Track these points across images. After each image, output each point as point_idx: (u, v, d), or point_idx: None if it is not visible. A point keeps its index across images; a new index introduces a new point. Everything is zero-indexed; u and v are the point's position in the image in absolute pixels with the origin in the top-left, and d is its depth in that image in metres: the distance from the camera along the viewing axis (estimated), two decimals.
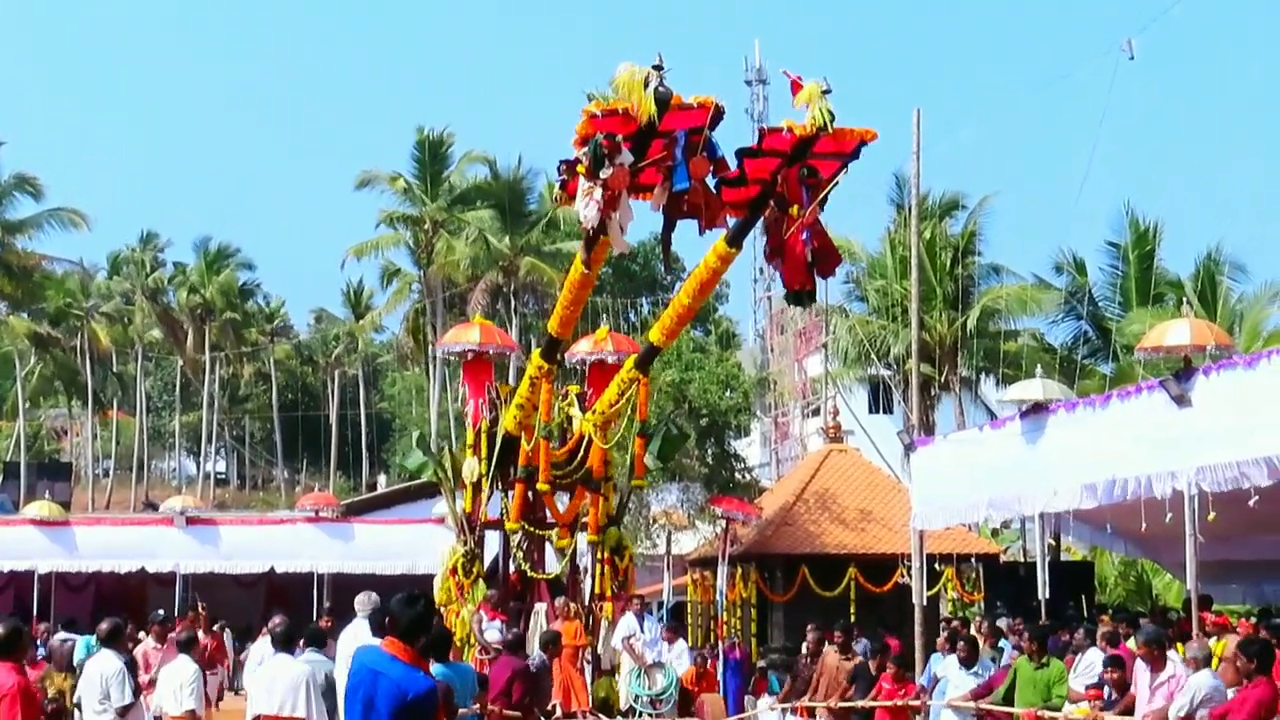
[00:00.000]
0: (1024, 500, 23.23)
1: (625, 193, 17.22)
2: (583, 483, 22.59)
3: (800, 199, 17.66)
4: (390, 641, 8.77)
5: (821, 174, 17.78)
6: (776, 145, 17.67)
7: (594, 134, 16.80)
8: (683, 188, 17.00)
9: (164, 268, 79.02)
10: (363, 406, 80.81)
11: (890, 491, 33.70)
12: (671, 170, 17.00)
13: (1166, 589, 34.91)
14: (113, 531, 33.90)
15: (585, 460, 22.20)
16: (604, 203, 16.92)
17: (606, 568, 22.64)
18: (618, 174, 16.68)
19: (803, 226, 17.67)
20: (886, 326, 46.51)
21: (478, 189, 62.15)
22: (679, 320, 20.40)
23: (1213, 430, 18.25)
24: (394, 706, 8.47)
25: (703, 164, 17.09)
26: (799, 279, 18.24)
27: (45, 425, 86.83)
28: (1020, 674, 14.64)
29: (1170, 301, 41.30)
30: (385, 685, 8.56)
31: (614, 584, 22.52)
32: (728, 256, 18.76)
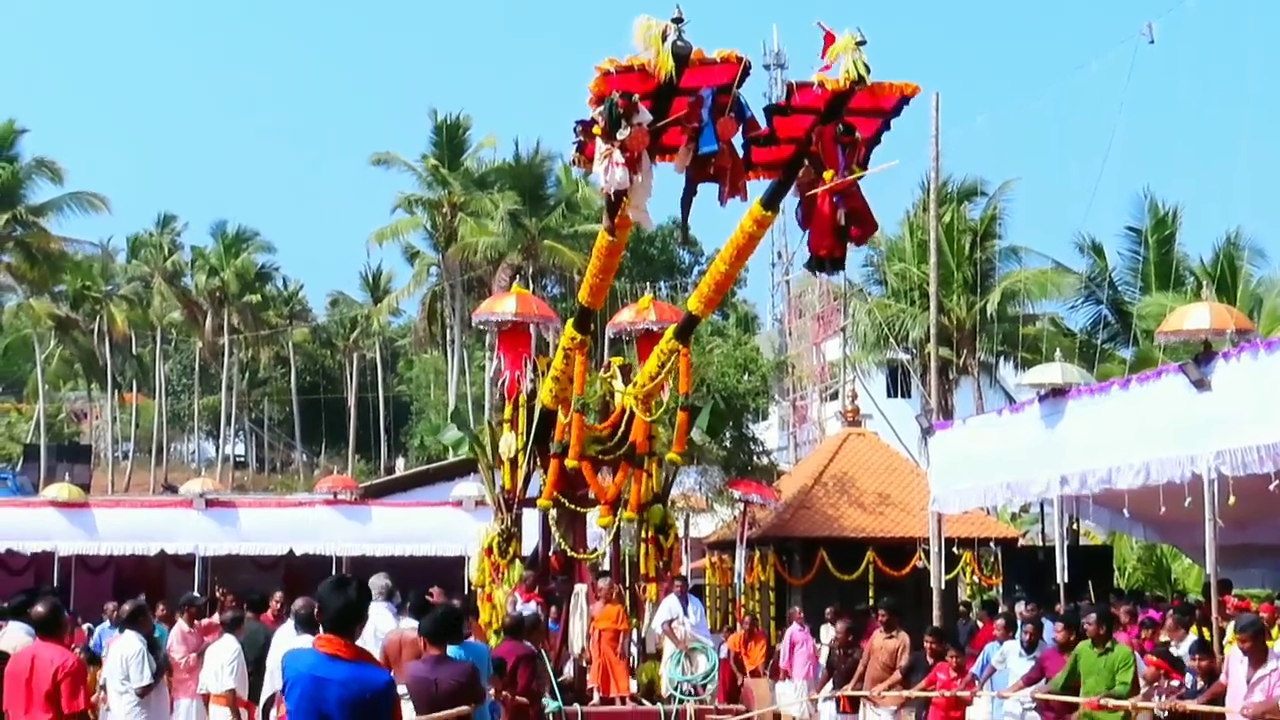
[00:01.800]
0: (1042, 484, 23.24)
1: (646, 155, 16.38)
2: (626, 458, 21.34)
3: (835, 160, 16.67)
4: (325, 639, 8.00)
5: (860, 133, 16.89)
6: (808, 102, 16.70)
7: (609, 93, 15.92)
8: (710, 150, 16.17)
9: (182, 251, 79.16)
10: (381, 390, 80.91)
11: (908, 475, 33.71)
12: (698, 131, 16.20)
13: (1186, 573, 34.88)
14: (132, 514, 33.96)
15: (628, 435, 21.20)
16: (625, 165, 16.03)
17: (650, 547, 21.68)
18: (636, 134, 15.87)
19: (835, 189, 16.65)
20: (905, 310, 46.45)
21: (496, 172, 62.11)
22: (717, 289, 19.51)
23: (1232, 414, 18.24)
24: (349, 711, 7.81)
25: (730, 124, 16.20)
26: (825, 244, 17.19)
27: (65, 408, 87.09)
28: (1083, 660, 13.78)
29: (1190, 285, 41.21)
30: (334, 691, 7.85)
31: (658, 564, 21.53)
32: (764, 220, 17.80)
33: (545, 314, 24.07)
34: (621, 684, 19.95)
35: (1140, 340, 41.31)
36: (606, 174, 16.09)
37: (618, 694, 19.81)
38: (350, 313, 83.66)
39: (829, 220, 16.85)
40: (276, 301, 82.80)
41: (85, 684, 11.08)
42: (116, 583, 31.53)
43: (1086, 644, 13.75)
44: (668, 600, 20.47)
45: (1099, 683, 13.30)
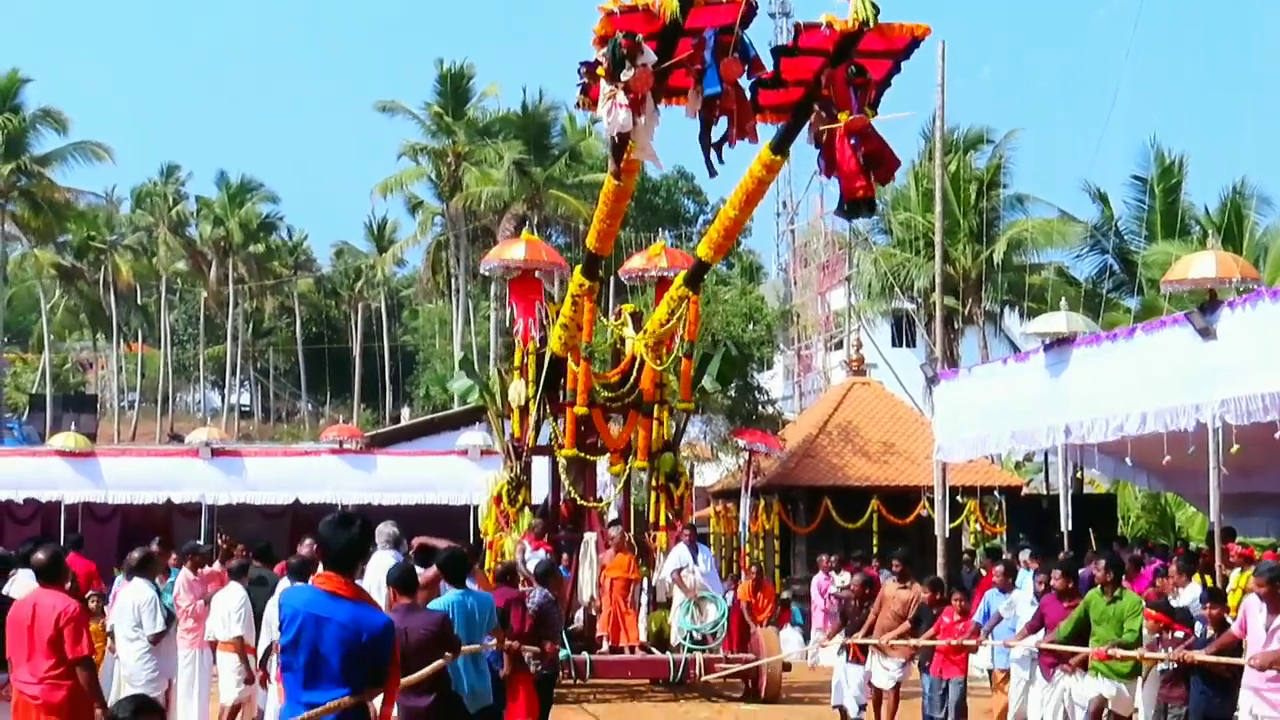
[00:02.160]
0: (1047, 433, 23.24)
1: (650, 96, 16.15)
2: (634, 406, 21.38)
3: (848, 102, 16.49)
4: (326, 576, 7.76)
5: (871, 74, 16.74)
6: (816, 43, 16.51)
7: (613, 33, 15.71)
8: (714, 92, 16.00)
9: (186, 201, 79.18)
10: (386, 339, 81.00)
11: (913, 424, 33.74)
12: (701, 74, 16.02)
13: (1189, 522, 34.94)
14: (138, 463, 34.02)
15: (638, 382, 21.19)
16: (629, 106, 15.82)
17: (660, 496, 21.69)
18: (640, 76, 15.67)
19: (847, 132, 16.51)
20: (910, 259, 46.43)
21: (500, 121, 61.97)
22: (727, 234, 19.36)
23: (1237, 363, 18.23)
24: (346, 652, 7.56)
25: (735, 66, 15.99)
26: (859, 185, 16.88)
27: (71, 358, 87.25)
28: (1093, 608, 13.53)
29: (1195, 234, 41.16)
30: (331, 630, 7.59)
31: (669, 513, 21.51)
32: (774, 165, 17.73)
33: (554, 260, 23.84)
34: (631, 633, 20.05)
35: (1145, 289, 41.25)
36: (609, 115, 15.88)
37: (627, 643, 19.93)
38: (355, 263, 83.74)
39: (853, 162, 16.66)
40: (281, 251, 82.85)
41: (88, 629, 11.13)
42: (123, 532, 31.65)
43: (1096, 592, 13.62)
44: (677, 549, 20.48)
45: (1108, 631, 13.18)
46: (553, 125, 61.77)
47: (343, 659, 7.54)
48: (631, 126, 16.01)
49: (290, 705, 7.82)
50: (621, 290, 26.77)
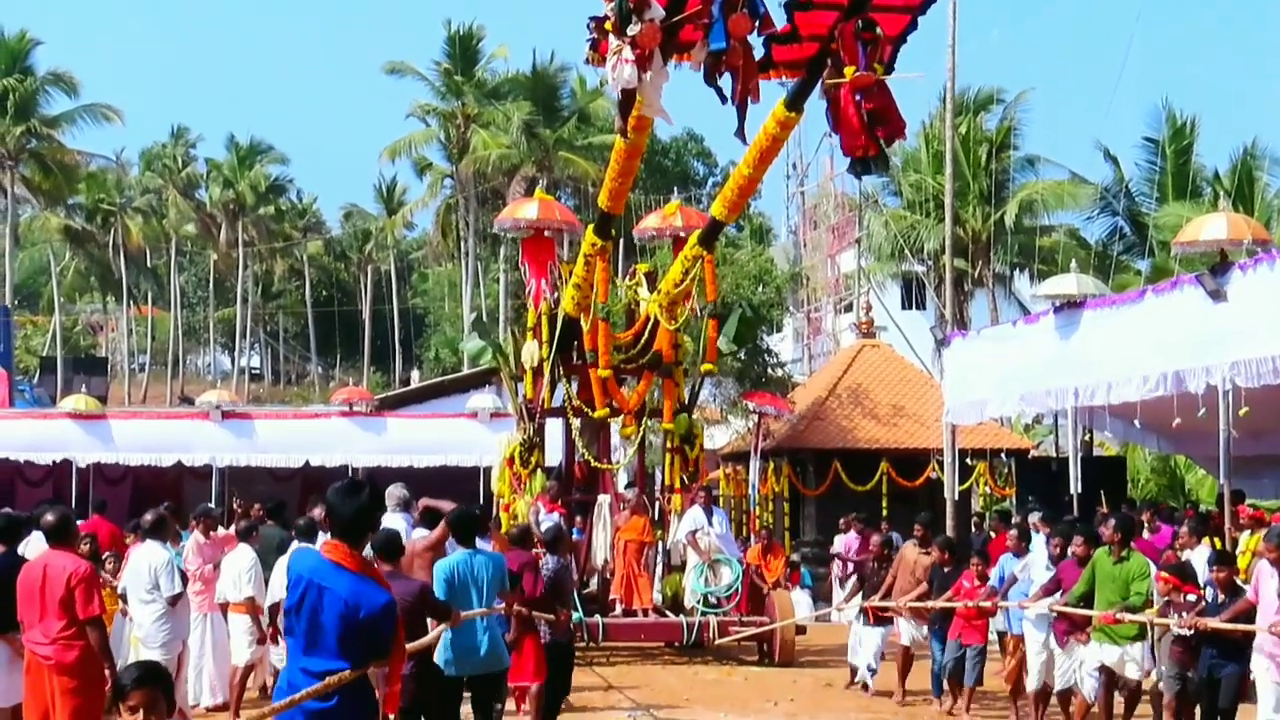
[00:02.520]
0: (1057, 395, 23.24)
1: (658, 52, 15.65)
2: (651, 367, 21.19)
3: (855, 57, 16.01)
4: (332, 545, 7.52)
5: (884, 30, 16.30)
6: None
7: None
8: (719, 48, 15.50)
9: (196, 163, 79.17)
10: (395, 302, 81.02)
11: (922, 387, 33.73)
12: (709, 28, 15.53)
13: (1199, 484, 34.98)
14: (149, 425, 34.08)
15: (652, 344, 20.98)
16: (634, 62, 15.35)
17: (676, 458, 21.44)
18: (647, 30, 15.21)
19: (855, 87, 16.05)
20: (920, 222, 46.39)
21: (510, 83, 61.82)
22: (741, 193, 19.07)
23: (1248, 325, 18.20)
24: (343, 627, 7.31)
25: (744, 21, 15.51)
26: (857, 145, 16.49)
27: (81, 321, 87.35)
28: (1099, 569, 13.25)
29: (1207, 196, 41.08)
30: (331, 601, 7.35)
31: (683, 475, 21.26)
32: (788, 122, 17.33)
33: (567, 219, 23.58)
34: (644, 596, 19.93)
35: (1156, 251, 41.23)
36: (615, 71, 15.66)
37: (640, 606, 19.79)
38: (364, 225, 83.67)
39: (856, 120, 16.48)
40: (290, 214, 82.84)
41: (99, 590, 11.17)
42: (134, 493, 31.71)
43: (1104, 552, 13.39)
44: (692, 511, 20.29)
45: (1114, 593, 12.95)
46: (562, 87, 61.62)
47: (340, 633, 7.32)
48: (637, 82, 15.81)
49: (291, 669, 7.71)
50: (634, 253, 26.54)
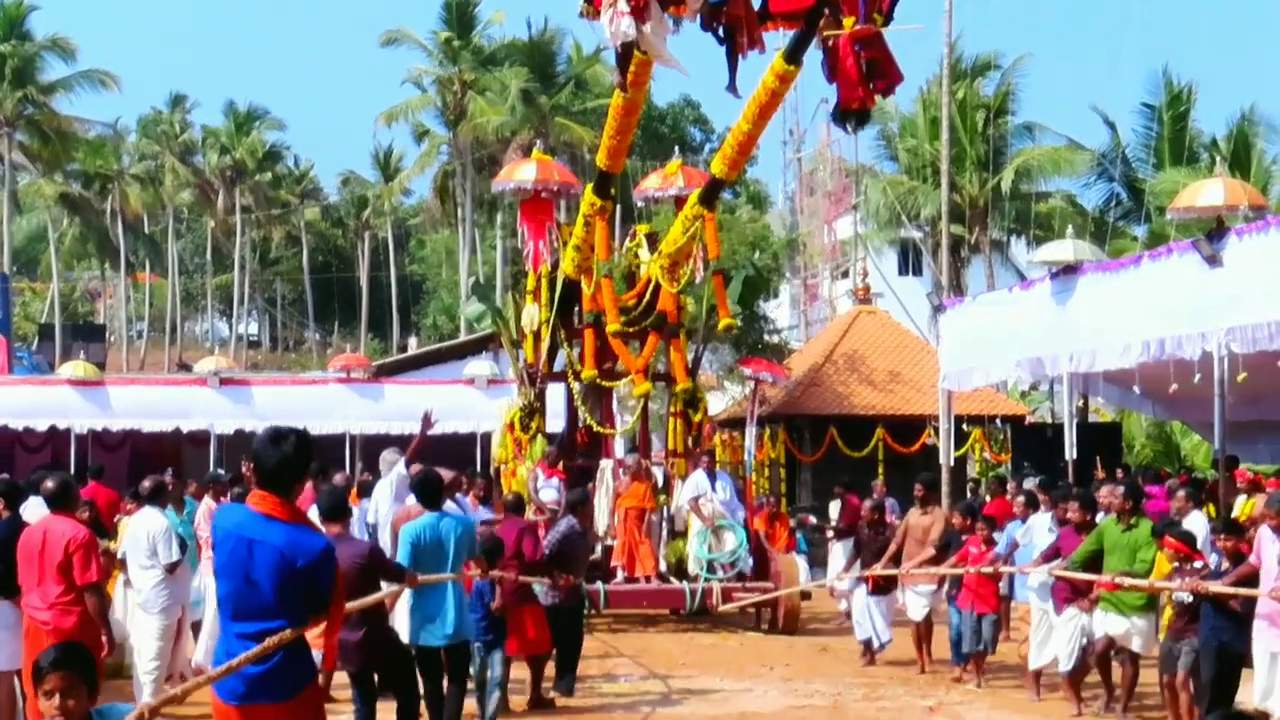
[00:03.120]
0: (1053, 361, 23.25)
1: (654, 2, 15.35)
2: (655, 328, 20.85)
3: (855, 8, 15.84)
4: (260, 497, 7.13)
5: None
6: None
7: None
8: None
9: (192, 130, 78.97)
10: (393, 269, 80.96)
11: (919, 353, 33.75)
12: None
13: (1195, 450, 35.05)
14: (147, 391, 34.10)
15: (654, 306, 20.68)
16: (631, 14, 15.01)
17: (679, 422, 21.30)
18: None
19: (854, 38, 15.83)
20: (917, 188, 46.35)
21: (506, 49, 61.73)
22: (741, 150, 18.80)
23: (1244, 291, 18.20)
24: (280, 580, 6.94)
25: None
26: (854, 96, 16.29)
27: (79, 287, 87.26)
28: (1107, 536, 13.03)
29: (1204, 162, 41.02)
30: (264, 554, 6.99)
31: (687, 440, 21.14)
32: (787, 75, 17.07)
33: (566, 179, 23.32)
34: (646, 563, 19.79)
35: (1153, 217, 41.21)
36: (611, 25, 15.52)
37: (642, 573, 19.66)
38: (361, 192, 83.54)
39: (854, 70, 16.34)
40: (288, 180, 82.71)
41: (97, 556, 11.19)
42: (133, 460, 31.73)
43: (1111, 519, 13.24)
44: (695, 475, 20.14)
45: (1121, 560, 12.81)
46: (558, 53, 61.52)
47: (276, 586, 6.96)
48: (635, 35, 15.61)
49: (226, 637, 7.32)
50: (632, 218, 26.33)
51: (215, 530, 7.44)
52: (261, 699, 7.07)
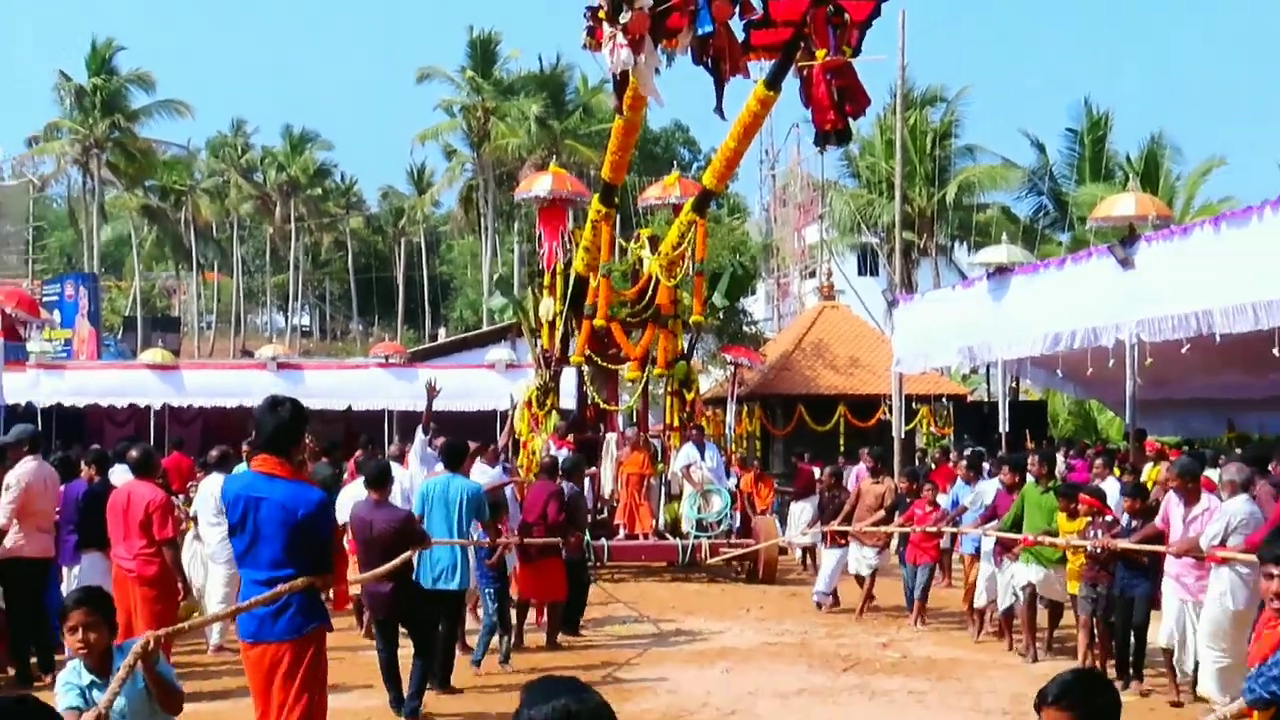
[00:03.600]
0: (989, 349, 23.28)
1: (648, 37, 15.52)
2: (652, 320, 20.74)
3: (826, 40, 16.01)
4: (261, 459, 7.18)
5: (852, 16, 16.23)
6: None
7: None
8: (706, 31, 15.49)
9: (254, 150, 78.77)
10: (425, 269, 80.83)
11: (875, 342, 33.75)
12: (695, 14, 15.47)
13: (1110, 424, 35.11)
14: (216, 374, 34.10)
15: (654, 299, 20.57)
16: (628, 46, 15.29)
17: (675, 400, 21.25)
18: (637, 18, 15.17)
19: (826, 68, 16.01)
20: (875, 200, 46.32)
21: (523, 81, 61.68)
22: (728, 164, 19.05)
23: (1152, 289, 18.22)
24: (285, 532, 6.93)
25: (725, 7, 15.56)
26: (826, 119, 16.46)
27: (157, 285, 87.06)
28: (1028, 498, 13.02)
29: (1119, 178, 41.05)
30: (269, 509, 6.98)
31: (681, 415, 20.99)
32: (767, 100, 17.36)
33: (577, 189, 23.39)
34: (644, 522, 19.74)
35: (1075, 226, 41.26)
36: (611, 55, 15.51)
37: (641, 531, 19.63)
38: (398, 203, 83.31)
39: (826, 96, 16.36)
40: (335, 194, 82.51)
41: (173, 515, 11.25)
42: (204, 432, 31.75)
43: (1031, 483, 13.28)
44: (686, 447, 20.13)
45: (1039, 517, 12.83)
46: (568, 84, 61.56)
47: (284, 539, 6.97)
48: (632, 64, 15.65)
49: (246, 587, 7.34)
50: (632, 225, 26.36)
51: (225, 494, 7.41)
52: (268, 638, 7.12)
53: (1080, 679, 4.28)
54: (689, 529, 19.67)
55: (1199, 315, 17.21)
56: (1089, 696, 4.22)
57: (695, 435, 20.47)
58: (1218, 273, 16.82)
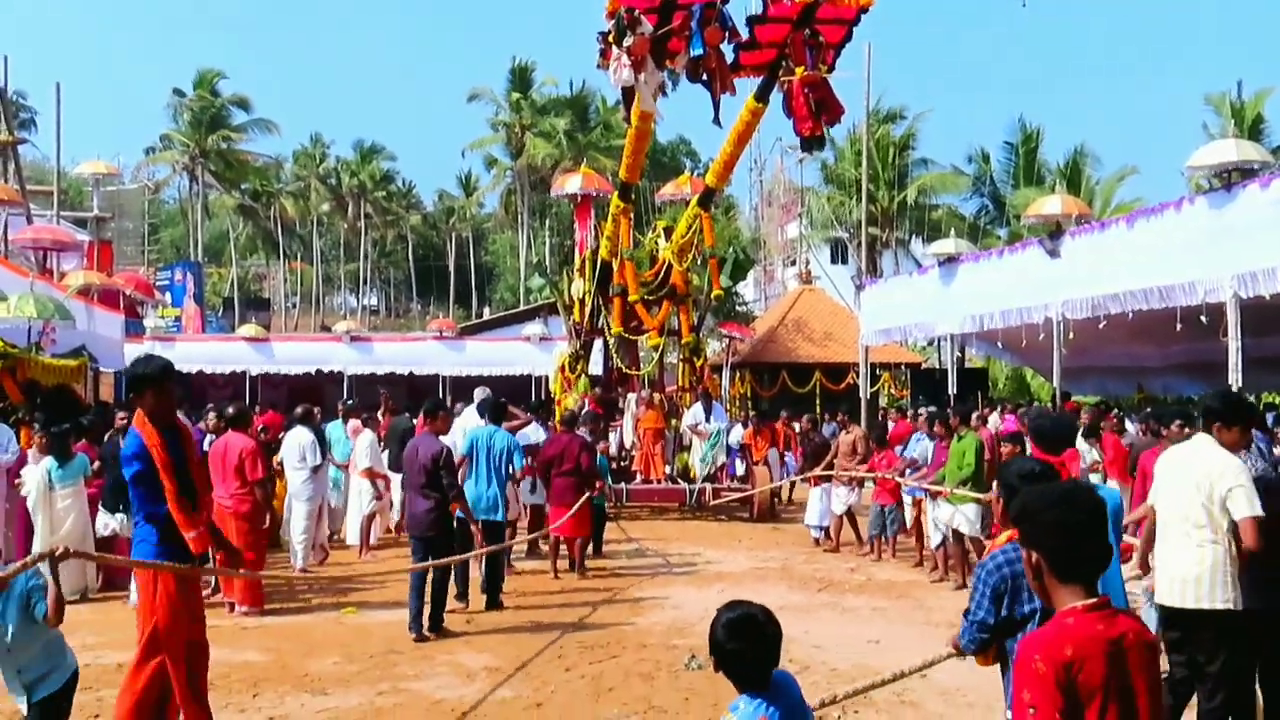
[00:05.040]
0: (940, 324, 23.26)
1: (649, 57, 15.44)
2: (668, 297, 20.57)
3: (804, 59, 15.96)
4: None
5: (827, 38, 16.17)
6: (782, 12, 15.98)
7: (618, 8, 15.28)
8: (698, 54, 15.35)
9: (329, 160, 78.68)
10: (472, 259, 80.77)
11: (846, 319, 33.75)
12: (690, 39, 15.40)
13: (1041, 388, 35.03)
14: (300, 346, 34.24)
15: (668, 280, 20.40)
16: (631, 66, 15.23)
17: (686, 366, 21.12)
18: (639, 42, 15.12)
19: (804, 82, 15.93)
20: (845, 202, 46.12)
21: (554, 103, 61.50)
22: (726, 165, 18.92)
23: (1075, 275, 18.20)
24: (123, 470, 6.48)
25: (716, 33, 15.36)
26: (805, 127, 16.31)
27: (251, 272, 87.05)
28: (950, 448, 12.83)
29: (1048, 182, 40.84)
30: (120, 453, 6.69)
31: (691, 379, 20.88)
32: (758, 111, 17.16)
33: (603, 187, 23.36)
34: (658, 469, 19.60)
35: (1012, 222, 41.06)
36: (616, 74, 15.50)
37: (655, 477, 19.53)
38: (450, 204, 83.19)
39: (804, 107, 16.29)
40: (398, 196, 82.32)
41: (263, 460, 11.27)
42: (290, 394, 31.84)
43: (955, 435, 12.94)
44: (695, 407, 20.02)
45: (952, 464, 12.56)
46: (591, 105, 61.35)
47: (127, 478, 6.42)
48: (634, 82, 15.61)
49: None
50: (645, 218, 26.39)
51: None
52: None
53: None
54: (700, 474, 19.43)
55: (1114, 297, 17.20)
56: None
57: (704, 397, 20.22)
58: (1130, 262, 16.79)
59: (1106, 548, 3.11)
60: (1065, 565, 3.06)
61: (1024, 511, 3.18)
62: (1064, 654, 2.93)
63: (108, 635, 9.99)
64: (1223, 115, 36.86)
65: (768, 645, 3.75)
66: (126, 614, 10.96)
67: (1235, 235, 14.66)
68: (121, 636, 9.95)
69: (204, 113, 63.03)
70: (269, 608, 11.10)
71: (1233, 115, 35.90)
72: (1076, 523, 3.08)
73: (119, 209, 43.42)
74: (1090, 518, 3.10)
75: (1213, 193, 15.28)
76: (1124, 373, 27.47)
